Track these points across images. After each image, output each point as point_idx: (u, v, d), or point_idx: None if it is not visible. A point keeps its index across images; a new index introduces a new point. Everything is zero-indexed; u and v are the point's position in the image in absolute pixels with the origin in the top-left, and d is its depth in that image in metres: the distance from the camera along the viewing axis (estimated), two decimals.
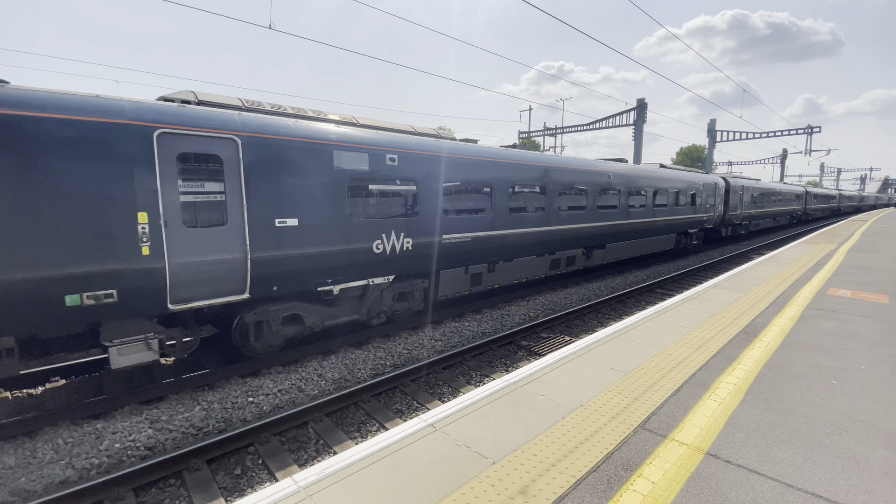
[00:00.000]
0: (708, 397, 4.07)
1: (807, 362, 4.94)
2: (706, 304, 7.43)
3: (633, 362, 4.92)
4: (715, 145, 39.40)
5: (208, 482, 4.55)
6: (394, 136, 8.20)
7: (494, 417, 3.73)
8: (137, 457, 4.98)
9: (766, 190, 28.84)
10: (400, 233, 8.09)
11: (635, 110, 31.94)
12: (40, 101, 4.85)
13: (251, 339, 6.94)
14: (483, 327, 9.53)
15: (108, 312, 5.35)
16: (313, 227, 6.88)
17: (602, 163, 13.93)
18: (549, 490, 2.82)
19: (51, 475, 4.56)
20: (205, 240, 5.90)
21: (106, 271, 5.21)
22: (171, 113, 5.72)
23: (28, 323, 4.96)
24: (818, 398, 4.09)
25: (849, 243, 16.93)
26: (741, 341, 5.60)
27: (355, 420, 5.87)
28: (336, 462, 3.13)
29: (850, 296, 8.11)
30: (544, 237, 11.37)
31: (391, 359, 7.76)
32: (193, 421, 5.65)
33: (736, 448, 3.28)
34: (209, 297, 6.01)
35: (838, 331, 6.07)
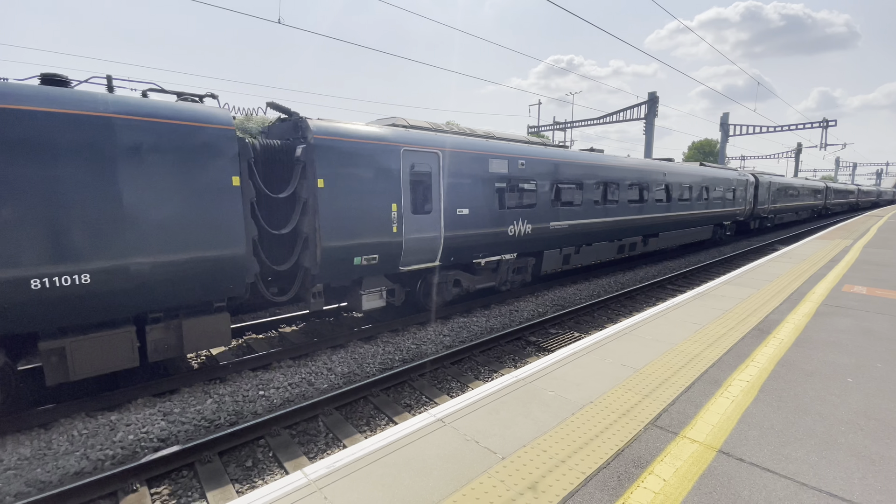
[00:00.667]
0: (720, 395, 4.03)
1: (821, 360, 4.86)
2: (718, 301, 7.34)
3: (644, 359, 4.88)
4: (728, 139, 38.83)
5: (220, 474, 4.61)
6: (520, 146, 10.64)
7: (503, 413, 3.72)
8: (151, 448, 5.06)
9: (791, 185, 30.62)
10: (524, 220, 10.46)
11: (646, 104, 31.57)
12: (348, 133, 7.46)
13: (432, 295, 9.33)
14: (492, 323, 9.52)
15: (371, 270, 7.90)
16: (476, 216, 9.36)
17: (657, 162, 16.11)
18: (558, 486, 2.81)
19: (66, 466, 4.65)
20: (422, 223, 8.44)
21: (375, 242, 7.76)
22: (409, 136, 8.24)
23: (337, 274, 7.53)
24: (833, 396, 4.03)
25: (864, 239, 16.62)
26: (754, 338, 5.53)
27: (364, 414, 5.91)
28: (346, 455, 3.14)
29: (865, 292, 7.96)
30: (616, 226, 13.60)
31: (400, 353, 7.79)
32: (205, 414, 5.72)
33: (749, 446, 3.24)
34: (419, 263, 8.61)
35: (854, 328, 5.97)
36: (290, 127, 7.26)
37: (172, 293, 5.71)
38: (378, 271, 7.96)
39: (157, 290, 5.55)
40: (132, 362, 5.57)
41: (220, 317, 6.26)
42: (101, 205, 5.06)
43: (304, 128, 6.96)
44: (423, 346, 8.16)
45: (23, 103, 4.61)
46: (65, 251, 4.86)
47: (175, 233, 5.57)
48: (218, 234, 5.93)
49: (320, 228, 6.96)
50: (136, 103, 5.41)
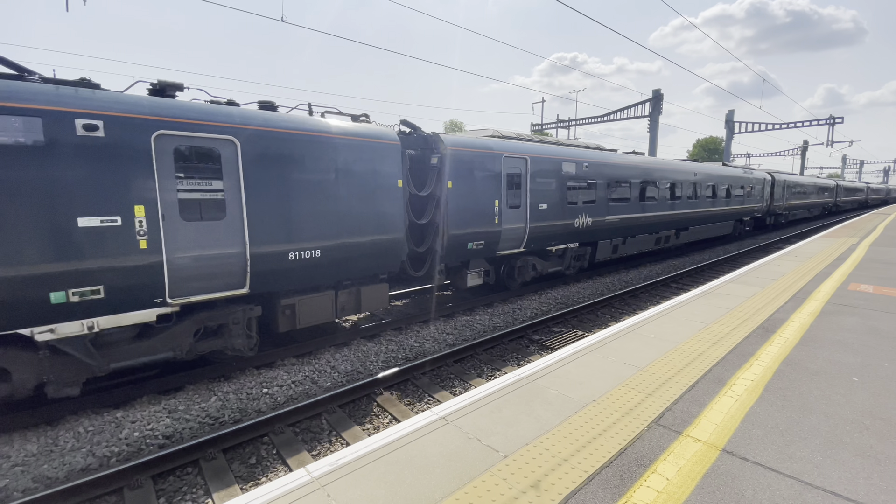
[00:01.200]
0: (724, 393, 4.01)
1: (827, 359, 4.83)
2: (723, 299, 7.31)
3: (648, 357, 4.87)
4: (733, 137, 38.57)
5: (224, 471, 4.64)
6: (583, 150, 12.52)
7: (506, 411, 3.72)
8: (156, 445, 5.09)
9: (804, 183, 32.24)
10: (586, 214, 12.24)
11: (651, 101, 31.39)
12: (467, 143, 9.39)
13: (514, 276, 11.24)
14: (495, 321, 9.51)
15: (477, 254, 9.82)
16: (553, 210, 11.17)
17: (689, 163, 18.02)
18: (561, 485, 2.81)
19: (72, 462, 4.69)
20: (514, 216, 10.28)
21: (483, 231, 9.60)
22: (505, 145, 10.21)
23: (456, 256, 9.44)
24: (838, 395, 4.00)
25: (871, 237, 16.48)
26: (759, 337, 5.50)
27: (368, 412, 5.92)
28: (349, 453, 3.16)
29: (872, 291, 7.90)
30: (655, 220, 15.33)
31: (403, 352, 7.80)
32: (210, 411, 5.76)
33: (753, 445, 3.23)
34: (509, 249, 10.48)
35: (860, 327, 5.93)
36: (422, 139, 9.10)
37: (359, 266, 7.63)
38: (481, 255, 9.97)
39: (351, 263, 7.49)
40: (331, 318, 7.56)
41: (383, 286, 8.25)
42: (328, 201, 6.99)
43: (438, 141, 8.95)
44: (426, 344, 8.17)
45: (299, 129, 6.69)
46: (309, 234, 6.80)
47: (367, 221, 7.52)
48: (390, 222, 7.89)
49: (448, 220, 8.97)
50: (348, 127, 7.34)
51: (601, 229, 12.94)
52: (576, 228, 12.00)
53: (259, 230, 6.23)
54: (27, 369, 5.08)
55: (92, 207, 5.02)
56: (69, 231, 4.90)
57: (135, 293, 5.38)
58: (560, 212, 11.40)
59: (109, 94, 5.28)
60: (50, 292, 4.84)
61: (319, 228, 6.87)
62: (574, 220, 11.89)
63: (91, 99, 5.09)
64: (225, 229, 5.97)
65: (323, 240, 6.93)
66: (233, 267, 6.08)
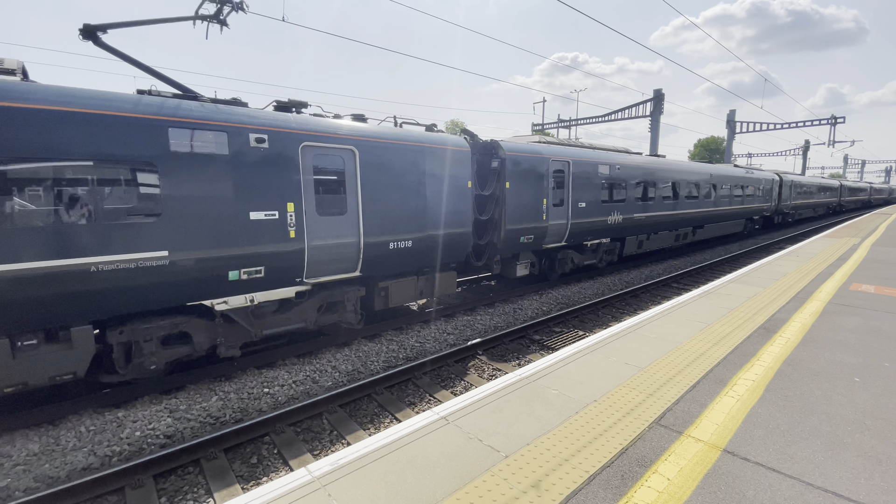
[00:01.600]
0: (725, 394, 4.01)
1: (828, 359, 4.83)
2: (724, 299, 7.30)
3: (649, 357, 4.86)
4: (734, 136, 38.50)
5: (225, 470, 4.64)
6: (614, 154, 13.66)
7: (507, 411, 3.72)
8: (157, 445, 5.10)
9: (810, 183, 33.35)
10: (618, 212, 13.32)
11: (652, 101, 31.36)
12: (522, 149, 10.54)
13: (555, 268, 12.35)
14: (495, 321, 9.51)
15: (526, 247, 10.92)
16: (590, 208, 12.35)
17: (706, 165, 19.44)
18: (562, 485, 2.81)
19: (74, 462, 4.70)
20: (558, 213, 11.44)
21: (532, 227, 10.78)
22: (551, 149, 11.31)
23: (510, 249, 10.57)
24: (840, 395, 4.00)
25: (873, 237, 16.45)
26: (760, 337, 5.49)
27: (368, 412, 5.93)
28: (350, 453, 3.16)
29: (873, 291, 7.88)
30: (676, 218, 16.44)
31: (404, 351, 7.80)
32: (211, 411, 5.76)
33: (754, 445, 3.22)
34: (553, 243, 11.73)
35: (861, 327, 5.92)
36: (485, 145, 10.26)
37: (436, 256, 8.78)
38: (529, 248, 11.07)
39: (432, 253, 8.68)
40: (413, 299, 8.79)
41: (453, 273, 9.45)
42: (419, 199, 8.24)
43: (498, 147, 10.15)
44: (427, 344, 8.18)
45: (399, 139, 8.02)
46: (404, 227, 8.00)
47: (445, 217, 8.72)
48: (461, 218, 9.11)
49: (505, 216, 10.07)
50: (433, 137, 8.69)
51: (629, 226, 14.06)
52: (608, 225, 13.16)
53: (370, 223, 7.48)
54: (205, 334, 6.32)
55: (259, 204, 6.23)
56: (244, 223, 6.10)
57: (284, 273, 6.63)
58: (596, 209, 12.57)
59: (270, 113, 6.60)
60: (228, 271, 6.05)
61: (412, 222, 8.17)
62: (607, 218, 13.02)
63: (258, 117, 6.32)
64: (346, 223, 7.23)
65: (413, 232, 8.21)
66: (350, 254, 7.36)
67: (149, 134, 5.37)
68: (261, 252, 6.26)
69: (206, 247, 5.78)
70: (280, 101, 6.94)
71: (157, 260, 5.43)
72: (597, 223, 12.70)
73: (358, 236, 7.34)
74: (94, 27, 5.70)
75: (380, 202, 7.62)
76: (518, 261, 11.07)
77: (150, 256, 5.37)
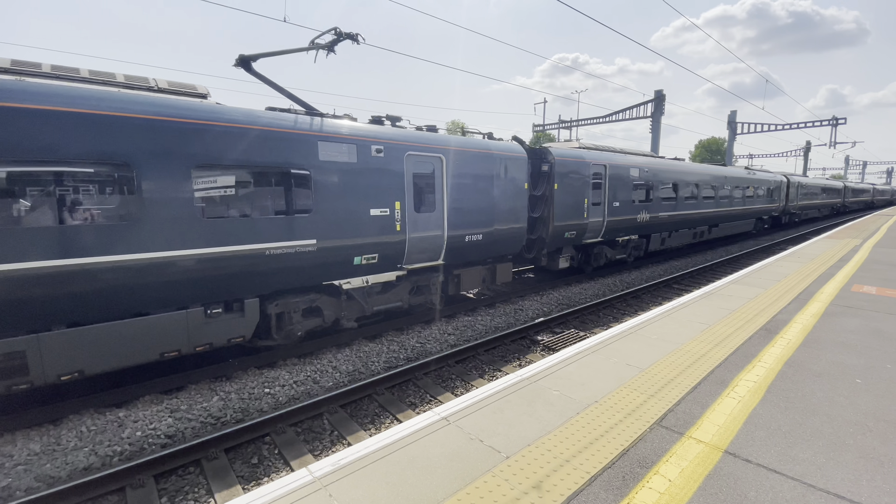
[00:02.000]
0: (727, 395, 4.00)
1: (830, 360, 4.82)
2: (725, 301, 7.29)
3: (650, 358, 4.86)
4: (735, 137, 38.46)
5: (226, 470, 4.64)
6: (642, 158, 14.96)
7: (508, 412, 3.71)
8: (158, 445, 5.10)
9: (816, 185, 34.74)
10: (645, 211, 14.60)
11: (653, 102, 31.33)
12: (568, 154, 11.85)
13: (591, 261, 13.60)
14: (496, 322, 9.51)
15: (570, 242, 12.26)
16: (623, 207, 13.61)
17: (722, 167, 20.94)
18: (563, 486, 2.80)
19: (75, 462, 4.70)
20: (596, 211, 12.65)
21: (575, 223, 12.03)
22: (591, 155, 12.58)
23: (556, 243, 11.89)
24: (841, 397, 3.99)
25: (874, 238, 16.43)
26: (762, 338, 5.48)
27: (369, 412, 5.92)
28: (351, 453, 3.16)
29: (875, 292, 7.87)
30: (695, 217, 17.73)
31: (404, 352, 7.80)
32: (212, 411, 5.77)
33: (756, 447, 3.22)
34: (591, 238, 12.91)
35: (863, 328, 5.91)
36: (537, 151, 11.61)
37: (498, 248, 10.14)
38: (571, 243, 12.35)
39: (496, 246, 10.00)
40: (478, 286, 10.23)
41: (510, 264, 10.83)
42: (488, 199, 9.61)
43: (548, 153, 11.48)
44: (428, 344, 8.17)
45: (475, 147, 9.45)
46: (477, 222, 9.41)
47: (507, 214, 10.05)
48: (519, 215, 10.46)
49: (554, 214, 11.35)
50: (500, 144, 10.13)
51: (655, 224, 15.34)
52: (637, 223, 14.41)
53: (452, 219, 8.85)
54: (332, 309, 7.64)
55: (377, 202, 7.60)
56: (367, 218, 7.49)
57: (390, 260, 7.98)
58: (628, 208, 13.83)
59: (384, 128, 7.96)
60: (354, 257, 7.43)
61: (482, 219, 9.52)
62: (637, 216, 14.26)
63: (377, 132, 7.71)
64: (435, 219, 8.60)
65: (484, 227, 9.55)
66: (437, 245, 8.74)
67: (306, 146, 6.75)
68: (376, 242, 7.68)
69: (342, 237, 7.19)
70: (375, 116, 8.14)
71: (309, 247, 6.82)
72: (628, 221, 13.98)
73: (443, 230, 8.77)
74: (247, 57, 7.14)
75: (459, 201, 9.01)
76: (561, 254, 12.37)
77: (304, 244, 6.77)
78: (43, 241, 4.79)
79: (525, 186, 10.57)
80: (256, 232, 6.27)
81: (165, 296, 5.69)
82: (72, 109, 4.91)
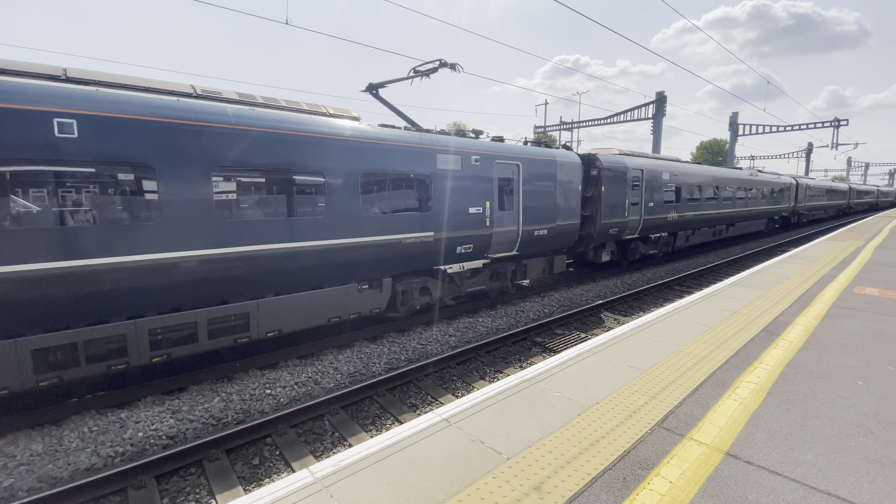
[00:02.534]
0: (728, 397, 4.00)
1: (831, 362, 4.81)
2: (726, 302, 7.28)
3: (651, 360, 4.86)
4: (737, 139, 38.43)
5: (227, 471, 4.65)
6: (670, 162, 16.74)
7: (509, 413, 3.72)
8: (159, 445, 5.11)
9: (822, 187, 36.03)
10: (674, 210, 16.33)
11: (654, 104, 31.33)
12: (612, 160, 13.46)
13: (627, 256, 15.08)
14: (497, 323, 9.51)
15: (612, 237, 13.80)
16: (656, 207, 15.29)
17: (738, 171, 22.43)
18: (564, 487, 2.81)
19: (77, 462, 4.72)
20: (634, 210, 14.21)
21: (617, 221, 13.55)
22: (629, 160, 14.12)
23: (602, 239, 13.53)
24: (843, 399, 3.98)
25: (877, 240, 16.39)
26: (763, 340, 5.48)
27: (370, 413, 5.93)
28: (351, 454, 3.16)
29: (877, 294, 7.85)
30: (714, 216, 19.48)
31: (405, 353, 7.80)
32: (213, 412, 5.78)
33: (757, 449, 3.22)
34: (629, 235, 14.53)
35: (865, 330, 5.89)
36: (587, 157, 13.18)
37: (557, 242, 11.75)
38: (613, 238, 14.01)
39: (557, 239, 11.66)
40: (540, 275, 11.94)
41: (564, 256, 12.44)
42: (553, 199, 11.31)
43: (596, 159, 13.11)
44: (429, 346, 8.18)
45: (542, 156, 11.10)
46: (544, 219, 11.04)
47: (565, 212, 11.73)
48: (574, 213, 12.10)
49: (601, 213, 12.93)
50: (561, 152, 11.96)
51: (681, 222, 17.06)
52: (668, 221, 16.15)
53: (525, 216, 10.52)
54: (438, 289, 9.33)
55: (474, 202, 9.34)
56: (467, 214, 9.22)
57: (480, 250, 9.72)
58: (660, 208, 15.45)
59: (476, 140, 9.73)
60: (457, 247, 9.18)
61: (547, 216, 11.18)
62: (667, 215, 15.96)
63: (475, 144, 9.50)
64: (512, 216, 10.25)
65: (548, 223, 11.21)
66: (513, 238, 10.39)
67: (429, 157, 8.43)
68: (472, 234, 9.37)
69: (450, 230, 8.88)
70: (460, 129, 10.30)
71: (428, 237, 8.52)
72: (660, 219, 15.68)
73: (518, 225, 10.39)
74: (376, 85, 9.00)
75: (531, 201, 10.63)
76: (604, 249, 13.94)
77: (425, 235, 8.47)
78: (277, 231, 6.56)
79: (579, 188, 12.29)
80: (398, 225, 8.05)
81: (337, 273, 7.40)
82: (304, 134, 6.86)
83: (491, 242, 9.77)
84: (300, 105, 7.35)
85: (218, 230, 5.98)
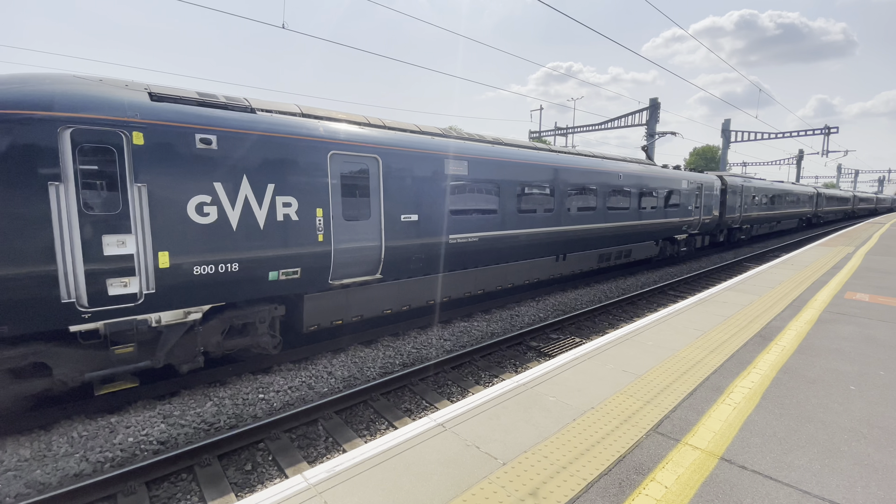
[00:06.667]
0: (722, 401, 4.01)
1: (824, 367, 4.85)
2: (720, 307, 7.32)
3: (646, 365, 4.87)
4: (729, 146, 38.79)
5: (219, 477, 4.59)
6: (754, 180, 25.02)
7: (504, 418, 3.71)
8: (150, 451, 5.04)
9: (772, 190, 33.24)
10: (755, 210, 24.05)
11: (648, 110, 31.57)
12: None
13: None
14: (492, 327, 9.50)
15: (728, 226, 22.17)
16: (747, 208, 23.04)
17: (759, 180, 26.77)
18: (559, 493, 2.80)
19: (65, 468, 4.64)
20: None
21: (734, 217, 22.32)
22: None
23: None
24: (836, 404, 4.01)
25: (867, 246, 16.58)
26: (756, 345, 5.51)
27: (365, 418, 5.89)
28: (346, 460, 3.13)
29: (868, 300, 7.94)
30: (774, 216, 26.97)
31: (400, 357, 7.77)
32: (205, 416, 5.71)
33: (751, 453, 3.22)
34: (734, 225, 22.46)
35: (856, 335, 5.95)
36: (720, 178, 20.72)
37: (705, 228, 19.47)
38: (727, 227, 21.06)
39: (707, 226, 19.49)
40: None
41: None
42: (713, 203, 19.38)
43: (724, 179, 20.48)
44: (424, 350, 8.15)
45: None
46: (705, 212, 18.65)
47: (708, 209, 19.07)
48: (713, 212, 19.10)
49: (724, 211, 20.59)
50: (713, 177, 19.67)
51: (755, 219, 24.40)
52: (751, 217, 23.45)
53: (700, 213, 17.09)
54: (651, 251, 16.19)
55: (672, 206, 16.19)
56: (664, 212, 15.77)
57: (662, 235, 16.58)
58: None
59: (679, 172, 16.54)
60: (675, 234, 17.06)
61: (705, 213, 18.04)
62: (751, 213, 23.23)
63: (680, 174, 16.18)
64: (694, 213, 17.27)
65: (706, 216, 18.03)
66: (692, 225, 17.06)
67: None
68: (675, 224, 15.75)
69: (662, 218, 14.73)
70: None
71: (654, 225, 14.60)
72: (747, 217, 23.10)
73: (698, 217, 17.77)
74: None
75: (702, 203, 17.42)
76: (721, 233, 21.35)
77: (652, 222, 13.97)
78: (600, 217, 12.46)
79: (718, 196, 19.62)
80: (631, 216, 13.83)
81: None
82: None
83: (666, 228, 16.16)
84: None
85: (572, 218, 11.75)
